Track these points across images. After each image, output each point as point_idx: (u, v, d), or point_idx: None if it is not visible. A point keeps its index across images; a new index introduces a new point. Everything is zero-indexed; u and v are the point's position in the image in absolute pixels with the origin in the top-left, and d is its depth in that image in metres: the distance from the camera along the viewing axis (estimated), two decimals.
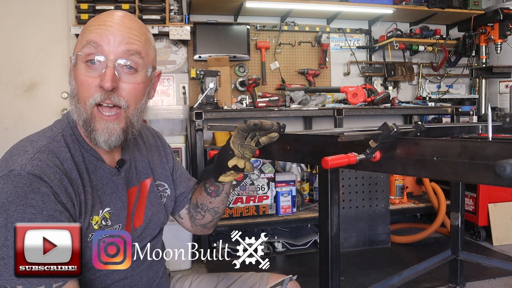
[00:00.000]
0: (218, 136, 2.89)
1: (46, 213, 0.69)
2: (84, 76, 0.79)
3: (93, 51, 0.78)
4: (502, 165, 0.53)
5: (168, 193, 1.03)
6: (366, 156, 0.79)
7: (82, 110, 0.80)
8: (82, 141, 0.84)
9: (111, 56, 0.78)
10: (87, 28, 0.81)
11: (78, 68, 0.79)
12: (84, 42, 0.79)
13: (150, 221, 0.95)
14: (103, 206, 0.83)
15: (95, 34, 0.78)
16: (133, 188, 0.92)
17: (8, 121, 3.02)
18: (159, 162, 1.03)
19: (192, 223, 1.10)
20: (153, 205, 0.97)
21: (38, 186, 0.70)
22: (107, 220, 0.83)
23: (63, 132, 0.83)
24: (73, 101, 0.82)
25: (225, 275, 1.08)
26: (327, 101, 3.13)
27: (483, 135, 1.38)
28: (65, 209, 0.72)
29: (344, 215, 2.72)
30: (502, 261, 2.12)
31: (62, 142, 0.81)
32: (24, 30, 2.99)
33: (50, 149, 0.77)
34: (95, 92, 0.79)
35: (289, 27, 3.36)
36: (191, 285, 1.07)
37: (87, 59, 0.78)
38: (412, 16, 3.48)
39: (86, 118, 0.80)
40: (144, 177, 0.97)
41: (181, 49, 3.21)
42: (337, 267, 1.19)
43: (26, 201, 0.68)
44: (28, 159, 0.72)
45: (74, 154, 0.81)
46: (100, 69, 0.79)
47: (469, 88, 3.82)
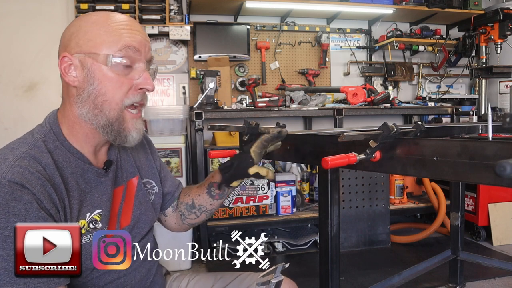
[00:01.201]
0: (218, 136, 2.89)
1: (30, 221, 0.67)
2: (121, 77, 0.81)
3: (133, 55, 0.81)
4: (502, 165, 0.53)
5: (156, 190, 1.03)
6: (366, 156, 0.79)
7: (110, 111, 0.81)
8: (68, 145, 0.83)
9: (145, 60, 0.84)
10: (116, 30, 0.81)
11: (113, 69, 0.80)
12: (120, 45, 0.80)
13: (139, 220, 0.95)
14: (93, 209, 0.82)
15: (132, 39, 0.81)
16: (119, 188, 0.92)
17: (8, 121, 3.01)
18: (145, 160, 1.03)
19: (180, 221, 1.10)
20: (141, 203, 0.96)
21: (20, 194, 0.68)
22: (97, 222, 0.82)
23: (45, 137, 0.82)
24: (94, 101, 0.81)
25: (223, 275, 1.08)
26: (327, 101, 3.13)
27: (483, 135, 1.38)
28: (49, 215, 0.71)
29: (344, 215, 2.72)
30: (502, 261, 2.11)
31: (43, 148, 0.79)
32: (24, 30, 2.99)
33: (31, 155, 0.75)
34: (132, 94, 0.82)
35: (289, 27, 3.36)
36: (188, 284, 1.07)
37: (125, 61, 0.80)
38: (412, 16, 3.48)
39: (113, 118, 0.82)
40: (130, 176, 0.96)
41: (181, 49, 3.21)
42: (337, 267, 1.19)
43: (9, 210, 0.66)
44: (8, 167, 0.71)
45: (58, 160, 0.80)
46: (136, 71, 0.82)
47: (469, 88, 3.82)
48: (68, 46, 0.82)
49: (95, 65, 0.80)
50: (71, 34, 0.83)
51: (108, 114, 0.81)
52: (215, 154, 1.14)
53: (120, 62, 0.80)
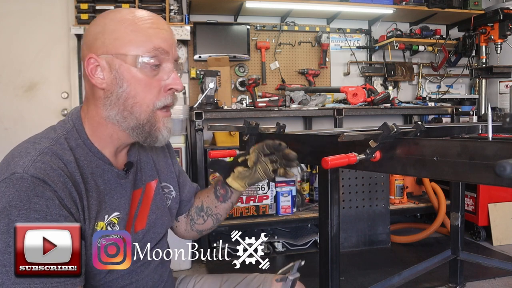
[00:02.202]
0: (218, 136, 2.89)
1: (50, 218, 0.66)
2: (150, 79, 0.79)
3: (162, 56, 0.80)
4: (502, 165, 0.53)
5: (173, 195, 1.01)
6: (366, 156, 0.79)
7: (140, 113, 0.80)
8: (89, 145, 0.81)
9: (172, 59, 0.82)
10: (144, 30, 0.79)
11: (142, 70, 0.78)
12: (149, 46, 0.78)
13: (154, 225, 0.92)
14: (111, 211, 0.81)
15: (161, 40, 0.80)
16: (137, 190, 0.90)
17: (8, 121, 3.02)
18: (164, 163, 1.01)
19: (190, 227, 1.08)
20: (158, 208, 0.94)
21: (42, 189, 0.67)
22: (115, 225, 0.81)
23: (67, 134, 0.80)
24: (124, 103, 0.79)
25: (229, 276, 1.07)
26: (327, 101, 3.13)
27: (483, 135, 1.38)
28: (69, 213, 0.70)
29: (344, 215, 2.72)
30: (502, 261, 2.12)
31: (65, 145, 0.77)
32: (24, 30, 2.99)
33: (53, 151, 0.74)
34: (162, 95, 0.81)
35: (289, 27, 3.36)
36: (194, 286, 1.06)
37: (154, 62, 0.79)
38: (412, 16, 3.48)
39: (144, 120, 0.80)
40: (149, 178, 0.94)
41: (181, 49, 3.21)
42: (337, 267, 1.19)
43: (30, 205, 0.65)
44: (30, 161, 0.69)
45: (79, 158, 0.78)
46: (165, 72, 0.81)
47: (469, 88, 3.82)
48: (93, 46, 0.79)
49: (124, 66, 0.78)
50: (96, 33, 0.80)
51: (139, 117, 0.80)
52: (215, 154, 1.14)
53: (149, 62, 0.79)
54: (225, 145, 2.83)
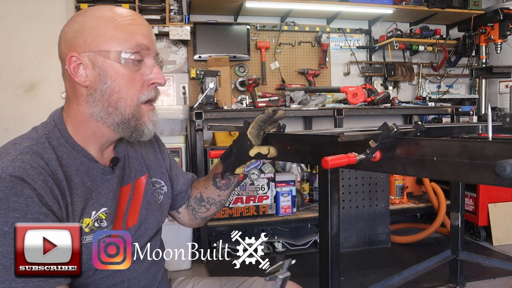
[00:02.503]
0: (218, 136, 2.89)
1: (30, 217, 0.66)
2: (133, 74, 0.80)
3: (144, 52, 0.81)
4: (502, 165, 0.53)
5: (165, 190, 1.01)
6: (366, 156, 0.79)
7: (125, 109, 0.81)
8: (72, 143, 0.82)
9: (153, 54, 0.84)
10: (124, 27, 0.80)
11: (125, 66, 0.80)
12: (131, 43, 0.79)
13: (145, 221, 0.92)
14: (99, 207, 0.81)
15: (142, 36, 0.81)
16: (126, 186, 0.90)
17: (8, 121, 3.01)
18: (154, 159, 1.01)
19: (193, 216, 1.09)
20: (150, 203, 0.94)
21: (21, 188, 0.67)
22: (102, 221, 0.80)
23: (48, 134, 0.81)
24: (108, 100, 0.80)
25: (228, 280, 1.06)
26: (327, 101, 3.13)
27: (483, 135, 1.38)
28: (50, 211, 0.70)
29: (344, 215, 2.72)
30: (502, 261, 2.12)
31: (47, 144, 0.78)
32: (24, 30, 2.99)
33: (33, 150, 0.74)
34: (146, 89, 0.83)
35: (289, 27, 3.36)
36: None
37: (136, 58, 0.80)
38: (412, 16, 3.48)
39: (130, 115, 0.81)
40: (139, 174, 0.94)
41: (181, 49, 3.21)
42: (337, 267, 1.19)
43: (9, 204, 0.65)
44: (10, 161, 0.70)
45: (62, 156, 0.78)
46: (147, 67, 0.82)
47: (469, 88, 3.82)
48: (74, 44, 0.80)
49: (107, 62, 0.79)
50: (75, 31, 0.80)
51: (124, 112, 0.81)
52: (215, 154, 1.13)
53: (132, 58, 0.80)
54: (225, 145, 2.83)
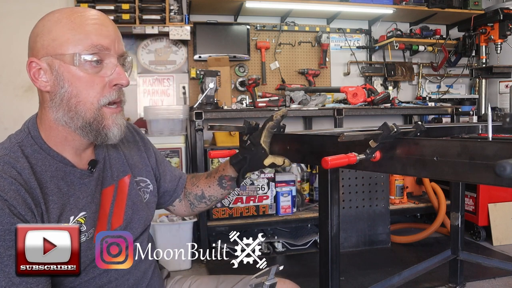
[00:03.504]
0: (218, 136, 2.89)
1: (1, 228, 0.66)
2: (91, 76, 0.77)
3: (101, 51, 0.78)
4: (502, 165, 0.53)
5: (151, 188, 1.00)
6: (366, 156, 0.79)
7: (85, 112, 0.78)
8: (47, 149, 0.80)
9: (116, 55, 0.80)
10: (81, 28, 0.77)
11: (83, 68, 0.77)
12: (87, 43, 0.76)
13: (131, 220, 0.92)
14: (78, 211, 0.79)
15: (99, 36, 0.77)
16: (109, 188, 0.89)
17: (8, 121, 3.01)
18: (138, 157, 1.00)
19: (190, 209, 1.13)
20: (135, 203, 0.93)
21: None
22: (82, 225, 0.79)
23: (22, 142, 0.80)
24: (67, 104, 0.78)
25: (225, 278, 1.06)
26: (327, 101, 3.13)
27: (483, 135, 1.38)
28: (23, 221, 0.69)
29: (344, 215, 2.72)
30: (502, 261, 2.11)
31: (19, 153, 0.77)
32: (24, 30, 2.97)
33: (5, 161, 0.73)
34: (107, 91, 0.79)
35: (289, 27, 3.36)
36: (190, 287, 1.05)
37: (93, 59, 0.77)
38: (412, 16, 3.48)
39: (91, 118, 0.78)
40: (121, 174, 0.93)
41: (181, 49, 3.21)
42: (337, 267, 1.19)
43: None
44: None
45: (36, 164, 0.77)
46: (107, 68, 0.79)
47: (469, 88, 3.82)
48: (34, 49, 0.79)
49: (63, 66, 0.77)
50: (36, 35, 0.79)
51: (84, 116, 0.78)
52: (215, 154, 1.13)
53: (89, 60, 0.77)
54: (225, 145, 2.83)
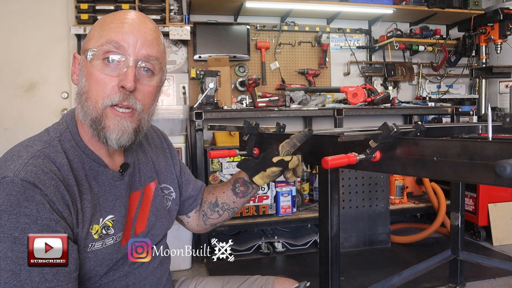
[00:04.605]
0: (218, 136, 2.89)
1: (41, 223, 0.66)
2: (101, 74, 0.76)
3: (115, 50, 0.76)
4: (502, 165, 0.53)
5: (173, 196, 1.00)
6: (366, 156, 0.79)
7: (91, 109, 0.76)
8: (83, 146, 0.80)
9: (133, 56, 0.76)
10: (106, 25, 0.78)
11: (94, 65, 0.76)
12: (103, 40, 0.75)
13: (153, 227, 0.91)
14: (106, 214, 0.79)
15: (117, 33, 0.76)
16: (136, 192, 0.89)
17: (8, 121, 3.02)
18: (164, 164, 1.00)
19: (202, 222, 1.09)
20: (158, 209, 0.93)
21: (33, 193, 0.66)
22: (109, 228, 0.79)
23: (60, 136, 0.79)
24: (80, 99, 0.78)
25: (230, 279, 1.07)
26: (327, 101, 3.13)
27: (483, 135, 1.38)
28: (61, 217, 0.70)
29: (344, 215, 2.72)
30: (502, 261, 2.11)
31: (59, 148, 0.76)
32: (24, 30, 2.99)
33: (45, 154, 0.72)
34: (112, 93, 0.76)
35: (289, 27, 3.36)
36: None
37: (105, 56, 0.76)
38: (412, 16, 3.48)
39: (95, 117, 0.76)
40: (148, 180, 0.93)
41: (181, 49, 3.21)
42: (337, 267, 1.19)
43: (20, 210, 0.65)
44: (22, 165, 0.68)
45: (73, 160, 0.77)
46: (119, 68, 0.76)
47: (469, 88, 3.82)
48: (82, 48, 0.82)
49: (84, 61, 0.78)
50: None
51: (90, 113, 0.77)
52: (215, 154, 1.13)
53: (100, 56, 0.75)
54: (225, 145, 2.83)
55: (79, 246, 0.74)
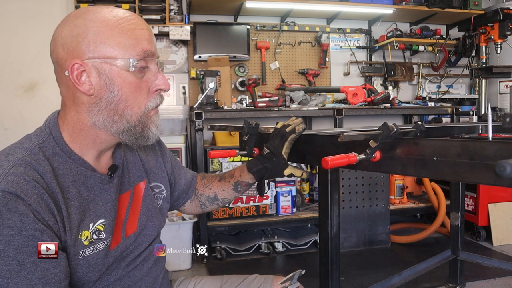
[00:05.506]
0: (218, 136, 2.89)
1: (26, 233, 0.65)
2: (139, 81, 0.78)
3: (150, 58, 0.79)
4: (502, 165, 0.53)
5: (164, 194, 0.99)
6: (366, 156, 0.79)
7: (131, 116, 0.78)
8: (68, 151, 0.78)
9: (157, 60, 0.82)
10: (130, 32, 0.76)
11: (133, 73, 0.76)
12: (138, 49, 0.76)
13: (145, 227, 0.90)
14: (96, 218, 0.78)
15: (146, 41, 0.78)
16: (125, 194, 0.88)
17: (8, 121, 3.01)
18: (155, 162, 0.99)
19: (200, 209, 1.15)
20: (149, 209, 0.92)
21: (15, 204, 0.64)
22: (101, 232, 0.78)
23: (43, 143, 0.77)
24: (112, 109, 0.77)
25: (229, 278, 1.07)
26: (327, 101, 3.13)
27: (483, 135, 1.38)
28: (46, 226, 0.68)
29: (344, 215, 2.72)
30: (502, 261, 2.12)
31: (41, 155, 0.74)
32: (23, 30, 2.99)
33: (27, 162, 0.70)
34: (152, 96, 0.80)
35: (289, 27, 3.36)
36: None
37: (143, 65, 0.78)
38: (412, 16, 3.48)
39: (136, 122, 0.79)
40: (138, 180, 0.91)
41: (181, 49, 3.21)
42: (337, 267, 1.19)
43: (3, 221, 0.63)
44: (2, 175, 0.66)
45: (57, 167, 0.75)
46: (150, 73, 0.80)
47: (469, 88, 3.82)
48: (75, 50, 0.74)
49: (114, 70, 0.75)
50: (75, 36, 0.74)
51: (130, 119, 0.78)
52: (215, 154, 1.14)
53: (139, 65, 0.77)
54: (225, 145, 2.84)
55: (68, 254, 0.73)
